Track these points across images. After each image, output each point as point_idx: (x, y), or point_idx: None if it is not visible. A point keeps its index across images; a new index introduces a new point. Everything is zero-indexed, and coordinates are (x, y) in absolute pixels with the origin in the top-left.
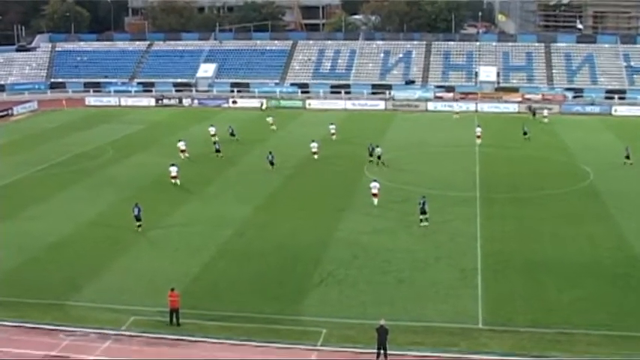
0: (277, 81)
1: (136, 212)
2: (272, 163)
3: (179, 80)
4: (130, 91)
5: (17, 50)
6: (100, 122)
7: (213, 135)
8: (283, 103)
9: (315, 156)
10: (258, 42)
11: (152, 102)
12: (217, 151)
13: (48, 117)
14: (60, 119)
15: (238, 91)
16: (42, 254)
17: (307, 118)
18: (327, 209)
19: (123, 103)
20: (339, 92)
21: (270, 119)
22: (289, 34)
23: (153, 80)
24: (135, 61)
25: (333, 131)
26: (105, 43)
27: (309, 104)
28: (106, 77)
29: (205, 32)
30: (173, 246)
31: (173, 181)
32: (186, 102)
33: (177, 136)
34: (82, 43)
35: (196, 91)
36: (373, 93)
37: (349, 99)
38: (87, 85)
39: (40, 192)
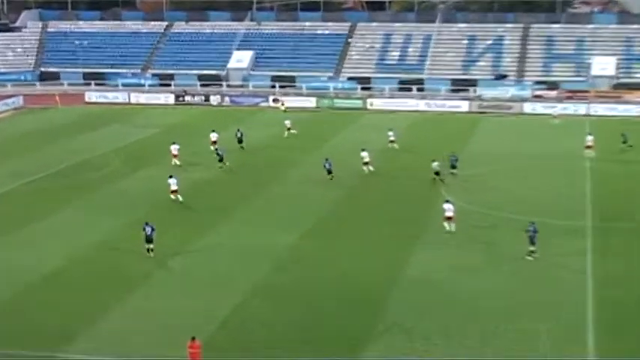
0: (331, 74)
1: (148, 232)
2: (330, 172)
3: (205, 72)
4: (143, 85)
5: None
6: (103, 124)
7: (214, 142)
8: (338, 102)
9: (365, 168)
10: (307, 24)
11: (171, 99)
12: (220, 160)
13: (37, 116)
14: (52, 119)
15: (281, 87)
16: (30, 290)
17: (368, 122)
18: (392, 238)
19: (133, 99)
20: (410, 89)
21: (288, 122)
22: (346, 14)
23: (172, 71)
24: (149, 46)
25: (392, 138)
26: (111, 23)
27: (371, 104)
28: (111, 67)
29: (239, 11)
30: (194, 281)
31: (173, 196)
32: (214, 100)
33: (200, 142)
34: (81, 22)
35: (227, 86)
36: (453, 90)
37: (422, 98)
38: (87, 76)
39: (29, 211)
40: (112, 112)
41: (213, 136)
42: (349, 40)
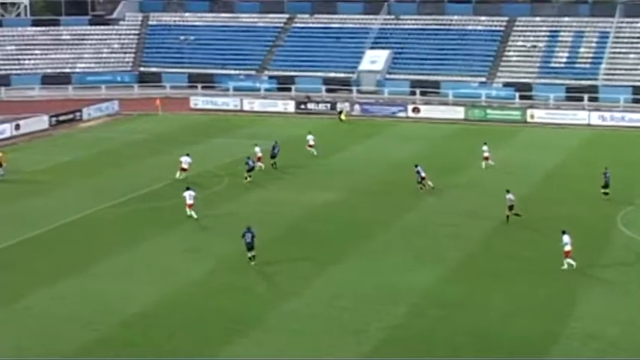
0: (483, 79)
1: (248, 239)
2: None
3: (332, 75)
4: (258, 90)
5: (91, 23)
6: (211, 135)
7: (259, 159)
8: (491, 113)
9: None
10: (455, 18)
11: (291, 106)
12: (249, 170)
13: (133, 125)
14: (151, 129)
15: (422, 94)
16: (115, 333)
17: (529, 138)
18: (552, 280)
19: (246, 106)
20: (580, 99)
21: (310, 138)
22: (503, 6)
23: (293, 73)
24: (266, 43)
25: (486, 154)
26: (222, 15)
27: (532, 116)
28: (222, 67)
29: (374, 3)
30: (314, 326)
31: (188, 211)
32: (341, 108)
33: (329, 158)
34: (187, 14)
35: (358, 91)
36: (635, 101)
37: (596, 109)
38: (193, 78)
39: (118, 236)
40: (221, 120)
41: (257, 151)
42: (508, 38)
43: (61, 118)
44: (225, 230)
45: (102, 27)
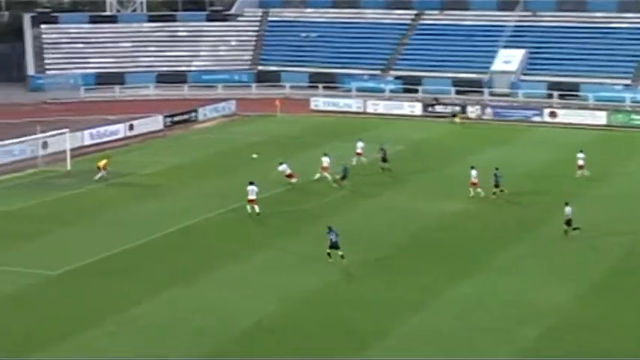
0: (628, 82)
1: (333, 238)
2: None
3: (462, 75)
4: (383, 91)
5: (208, 19)
6: (331, 138)
7: (359, 154)
8: (637, 119)
9: None
10: (598, 16)
11: (417, 109)
12: (343, 178)
13: (251, 126)
14: (269, 131)
15: (560, 97)
16: (229, 345)
17: None
18: None
19: (370, 108)
20: None
21: (360, 145)
22: None
23: (420, 74)
24: (393, 41)
25: (581, 162)
26: (346, 11)
27: None
28: (345, 67)
29: None
30: (438, 344)
31: (249, 207)
32: (471, 111)
33: (457, 167)
34: (309, 10)
35: (490, 94)
36: None
37: None
38: (314, 77)
39: (234, 243)
40: (343, 123)
41: (359, 146)
42: None
43: (176, 118)
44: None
45: (219, 23)
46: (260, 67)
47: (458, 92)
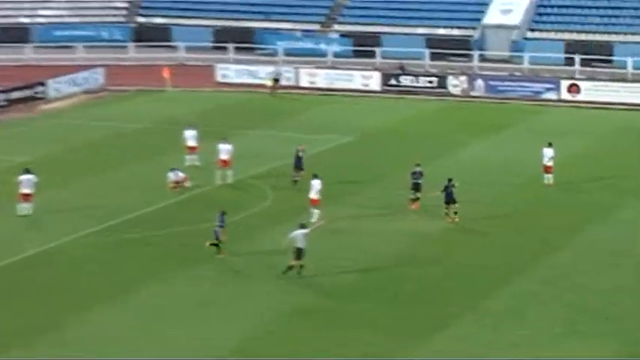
0: None
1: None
2: None
3: (441, 32)
4: (324, 54)
5: None
6: (246, 125)
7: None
8: None
9: None
10: None
11: (374, 81)
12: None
13: (127, 107)
14: (155, 114)
15: (585, 64)
16: None
17: None
18: None
19: (305, 81)
20: None
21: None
22: None
23: (377, 29)
24: None
25: (547, 162)
26: None
27: None
28: (267, 19)
29: None
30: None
31: (20, 206)
32: (455, 84)
33: (432, 165)
34: None
35: (482, 59)
36: None
37: None
38: (221, 34)
39: (101, 278)
40: (264, 102)
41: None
42: None
43: (14, 95)
44: (267, 278)
45: None
46: (140, 19)
47: (434, 56)
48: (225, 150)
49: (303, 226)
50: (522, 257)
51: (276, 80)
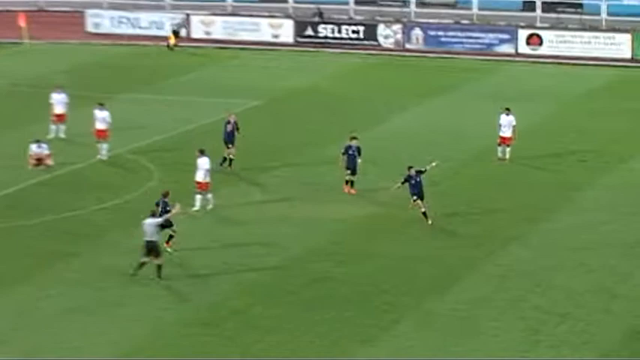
0: None
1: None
2: None
3: None
4: None
5: None
6: (123, 87)
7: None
8: None
9: None
10: None
11: (286, 32)
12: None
13: None
14: (9, 73)
15: (548, 8)
16: None
17: None
18: None
19: (198, 31)
20: None
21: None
22: None
23: None
24: None
25: (505, 132)
26: None
27: None
28: None
29: None
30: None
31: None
32: (386, 35)
33: (360, 136)
34: None
35: (420, 4)
36: None
37: None
38: None
39: None
40: (146, 57)
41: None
42: None
43: None
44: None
45: None
46: None
47: (360, 1)
48: (101, 118)
49: (153, 215)
50: (472, 250)
51: (175, 33)
